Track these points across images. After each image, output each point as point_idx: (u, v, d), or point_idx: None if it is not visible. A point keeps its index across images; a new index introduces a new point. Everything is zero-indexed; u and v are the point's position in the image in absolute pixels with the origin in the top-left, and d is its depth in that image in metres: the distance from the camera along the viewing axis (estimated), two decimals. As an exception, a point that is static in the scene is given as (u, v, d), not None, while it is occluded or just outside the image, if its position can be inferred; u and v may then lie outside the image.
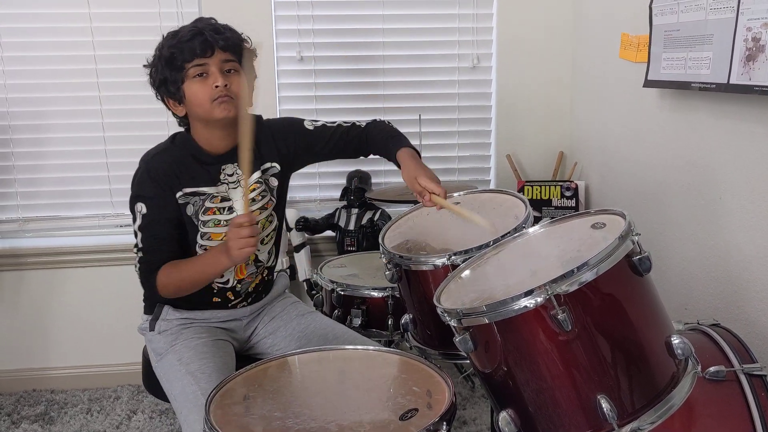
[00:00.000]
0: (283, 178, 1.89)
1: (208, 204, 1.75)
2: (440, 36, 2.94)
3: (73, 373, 2.98)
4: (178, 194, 1.73)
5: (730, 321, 1.86)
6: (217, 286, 1.82)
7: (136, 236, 1.74)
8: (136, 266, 1.74)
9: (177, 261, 1.74)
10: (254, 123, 1.72)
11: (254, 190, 1.81)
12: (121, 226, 2.89)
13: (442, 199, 1.69)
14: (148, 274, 1.73)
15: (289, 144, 1.88)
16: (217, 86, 1.66)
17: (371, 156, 1.97)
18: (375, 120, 1.96)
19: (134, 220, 1.74)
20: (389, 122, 1.96)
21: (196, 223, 1.75)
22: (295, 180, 2.93)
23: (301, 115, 2.89)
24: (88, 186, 2.88)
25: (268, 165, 1.85)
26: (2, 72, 2.76)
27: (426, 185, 1.70)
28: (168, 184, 1.72)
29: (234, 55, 1.71)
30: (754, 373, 1.43)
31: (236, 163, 1.78)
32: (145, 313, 1.87)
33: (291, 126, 1.92)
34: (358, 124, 1.95)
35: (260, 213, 1.82)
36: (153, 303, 1.84)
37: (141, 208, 1.72)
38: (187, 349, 1.73)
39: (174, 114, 1.79)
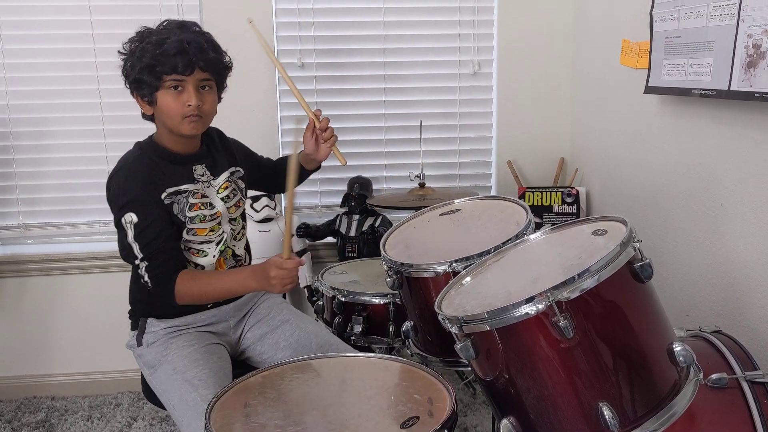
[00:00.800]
0: (247, 182, 1.97)
1: (191, 200, 1.76)
2: (441, 42, 2.94)
3: (73, 380, 2.97)
4: (163, 195, 1.72)
5: (732, 328, 1.85)
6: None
7: (131, 250, 1.68)
8: (144, 278, 1.68)
9: (195, 272, 1.75)
10: (216, 133, 1.94)
11: (226, 188, 1.86)
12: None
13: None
14: (162, 281, 1.68)
15: (242, 158, 1.99)
16: (189, 105, 1.70)
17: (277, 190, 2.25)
18: None
19: (124, 234, 1.68)
20: None
21: (183, 219, 1.75)
22: (297, 186, 2.96)
23: (302, 122, 2.92)
24: (89, 192, 2.88)
25: (235, 168, 1.92)
26: (4, 78, 2.76)
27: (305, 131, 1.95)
28: (150, 184, 1.71)
29: (212, 74, 1.75)
30: (757, 380, 1.43)
31: (204, 164, 1.83)
32: (132, 329, 1.86)
33: (240, 145, 2.05)
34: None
35: (236, 210, 1.88)
36: (137, 317, 1.84)
37: (130, 218, 1.67)
38: (180, 357, 1.72)
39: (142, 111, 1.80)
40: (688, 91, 1.95)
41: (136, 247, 1.68)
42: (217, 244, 1.82)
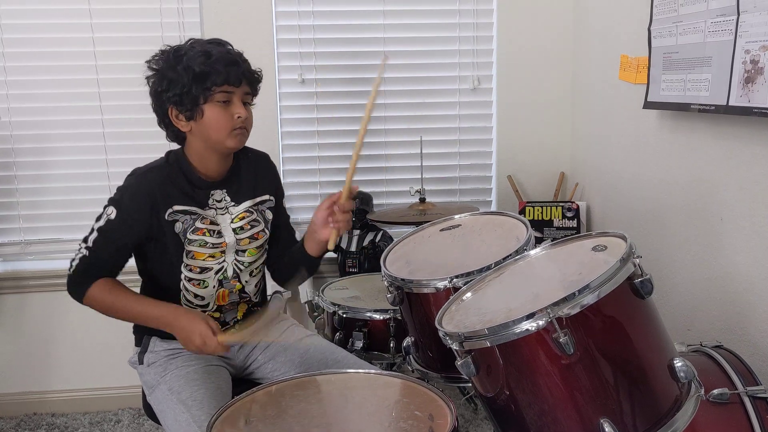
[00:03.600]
0: (278, 213, 1.91)
1: (198, 224, 1.74)
2: (441, 58, 2.96)
3: (74, 397, 2.97)
4: (168, 211, 1.71)
5: (734, 343, 1.85)
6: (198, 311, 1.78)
7: (90, 233, 1.71)
8: (73, 261, 1.71)
9: (116, 283, 1.73)
10: (263, 159, 1.91)
11: (243, 218, 1.81)
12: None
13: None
14: (82, 276, 1.70)
15: (278, 193, 1.94)
16: (239, 117, 1.70)
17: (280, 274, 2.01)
18: None
19: (99, 218, 1.71)
20: None
21: (183, 240, 1.73)
22: (297, 201, 2.98)
23: (303, 137, 2.93)
24: (90, 209, 2.82)
25: (265, 197, 1.87)
26: (6, 96, 2.78)
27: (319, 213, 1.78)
28: (151, 205, 1.70)
29: (253, 88, 1.75)
30: (758, 395, 1.43)
31: (225, 190, 1.80)
32: (136, 345, 1.86)
33: (279, 181, 1.97)
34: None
35: (249, 242, 1.82)
36: (141, 334, 1.83)
37: (111, 212, 1.70)
38: (177, 378, 1.72)
39: (168, 127, 1.76)
40: (687, 107, 1.96)
41: (94, 235, 1.70)
42: (216, 273, 1.79)
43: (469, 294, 1.48)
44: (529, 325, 1.17)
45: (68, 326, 2.92)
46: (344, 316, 2.17)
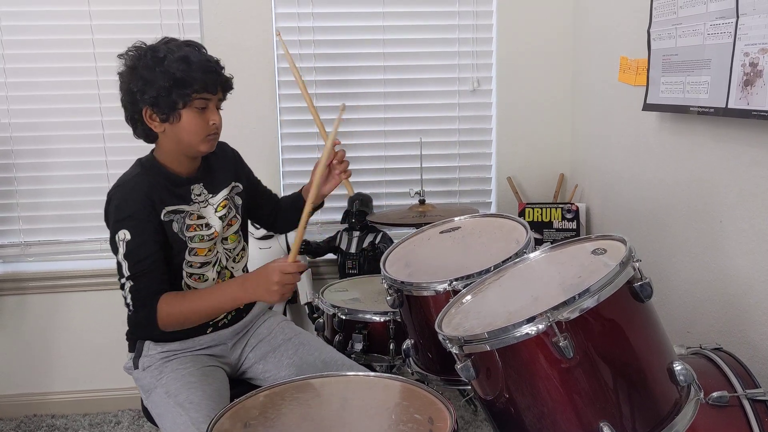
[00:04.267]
0: (246, 198, 1.95)
1: (188, 221, 1.76)
2: (440, 60, 2.96)
3: (73, 398, 2.97)
4: (163, 212, 1.72)
5: (733, 345, 1.85)
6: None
7: (120, 268, 1.66)
8: (126, 299, 1.67)
9: (178, 292, 1.72)
10: (219, 147, 1.88)
11: (224, 206, 1.85)
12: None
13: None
14: (144, 302, 1.65)
15: (242, 173, 1.98)
16: (213, 124, 1.73)
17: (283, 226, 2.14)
18: None
19: (116, 251, 1.67)
20: None
21: (184, 239, 1.75)
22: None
23: (302, 139, 2.93)
24: (90, 210, 2.88)
25: (234, 183, 1.91)
26: (6, 97, 2.78)
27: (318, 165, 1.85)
28: (148, 204, 1.70)
29: (225, 93, 1.79)
30: (758, 398, 1.43)
31: (202, 183, 1.83)
32: (130, 351, 1.85)
33: (245, 165, 2.03)
34: None
35: (228, 228, 1.86)
36: (135, 340, 1.83)
37: (124, 235, 1.66)
38: (174, 380, 1.72)
39: (138, 125, 1.76)
40: (686, 109, 1.96)
41: (125, 265, 1.66)
42: (214, 265, 1.81)
43: (468, 297, 1.48)
44: (529, 329, 1.17)
45: (68, 328, 2.92)
46: (344, 318, 2.17)
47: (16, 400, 2.95)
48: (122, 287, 1.67)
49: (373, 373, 1.58)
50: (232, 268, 1.87)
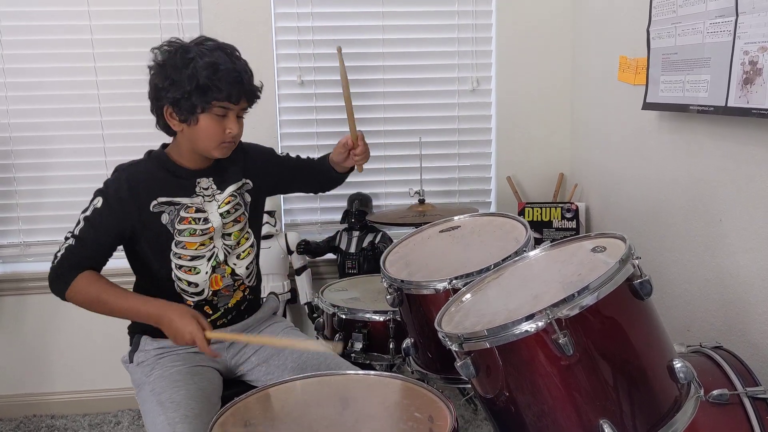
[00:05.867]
0: (257, 195, 1.94)
1: (183, 214, 1.76)
2: (440, 59, 2.96)
3: (73, 398, 2.97)
4: (153, 203, 1.73)
5: (733, 343, 1.85)
6: (192, 300, 1.80)
7: (77, 225, 1.71)
8: (58, 251, 1.69)
9: (100, 276, 1.71)
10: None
11: (229, 203, 1.84)
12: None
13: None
14: (68, 267, 1.68)
15: (260, 165, 1.97)
16: (230, 132, 1.73)
17: (320, 191, 2.21)
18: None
19: (85, 209, 1.72)
20: None
21: (172, 231, 1.75)
22: (296, 203, 2.98)
23: (302, 138, 2.94)
24: (89, 210, 2.88)
25: (244, 180, 1.90)
26: (5, 98, 2.78)
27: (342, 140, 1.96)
28: (139, 194, 1.72)
29: (250, 104, 1.78)
30: (758, 396, 1.43)
31: (212, 178, 1.83)
32: (130, 344, 1.86)
33: (264, 149, 2.04)
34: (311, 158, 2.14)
35: (233, 225, 1.85)
36: (134, 333, 1.84)
37: (98, 201, 1.71)
38: (161, 378, 1.72)
39: (163, 123, 1.77)
40: (686, 108, 1.96)
41: (80, 225, 1.70)
42: (209, 260, 1.80)
43: (468, 295, 1.48)
44: (529, 327, 1.17)
45: (68, 328, 2.92)
46: (344, 317, 2.17)
47: (15, 401, 2.95)
48: (66, 238, 1.71)
49: (373, 372, 1.58)
50: (234, 264, 1.85)
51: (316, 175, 2.10)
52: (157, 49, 1.72)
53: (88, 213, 1.71)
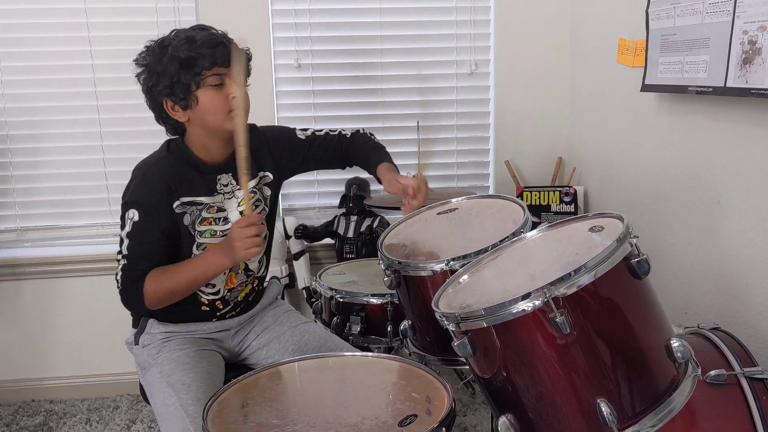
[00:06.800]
0: (276, 187, 1.91)
1: (204, 214, 1.74)
2: (438, 42, 2.94)
3: (72, 383, 2.97)
4: (176, 204, 1.70)
5: (731, 324, 1.85)
6: (207, 298, 1.80)
7: (121, 243, 1.68)
8: (117, 275, 1.68)
9: (164, 267, 1.69)
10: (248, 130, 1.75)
11: (249, 198, 1.79)
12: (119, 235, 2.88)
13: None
14: (131, 282, 1.66)
15: (283, 153, 1.91)
16: (233, 97, 1.66)
17: (353, 167, 2.05)
18: (359, 131, 2.03)
19: (123, 226, 1.69)
20: (372, 135, 2.03)
21: (193, 233, 1.73)
22: (294, 188, 2.97)
23: (299, 122, 2.92)
24: (86, 195, 2.88)
25: (262, 174, 1.86)
26: (0, 81, 2.76)
27: (405, 182, 1.76)
28: (165, 192, 1.69)
29: (245, 69, 1.71)
30: (755, 376, 1.42)
31: (231, 173, 1.78)
32: (133, 326, 1.85)
33: (284, 135, 1.95)
34: (343, 133, 2.00)
35: None
36: (139, 316, 1.83)
37: (133, 215, 1.67)
38: (169, 361, 1.72)
39: (166, 121, 1.74)
40: (685, 89, 1.95)
41: (125, 243, 1.67)
42: None
43: (465, 276, 1.48)
44: (526, 305, 1.16)
45: (65, 313, 2.92)
46: (342, 300, 2.17)
47: (14, 386, 2.95)
48: (118, 261, 1.69)
49: (371, 354, 1.58)
50: (248, 262, 1.84)
51: (342, 160, 2.02)
52: (137, 59, 1.70)
53: (128, 229, 1.67)
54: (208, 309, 1.82)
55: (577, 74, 2.93)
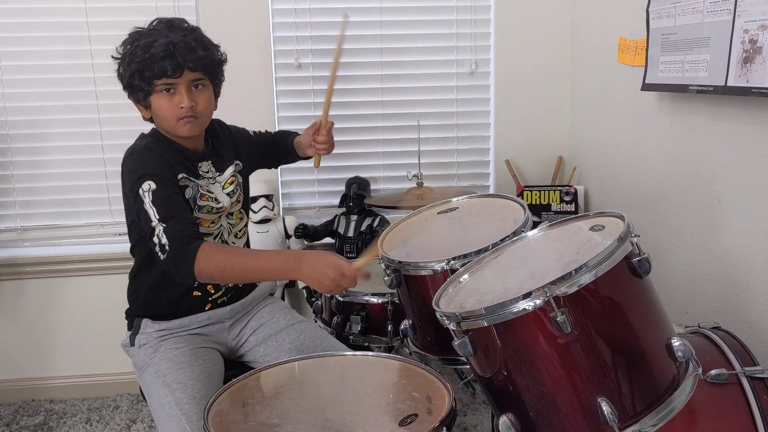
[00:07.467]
0: (246, 176, 1.97)
1: (201, 191, 1.76)
2: (438, 42, 2.94)
3: (72, 383, 2.97)
4: (180, 176, 1.71)
5: (731, 324, 1.85)
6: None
7: (147, 215, 1.57)
8: (158, 243, 1.55)
9: (219, 244, 1.74)
10: (218, 126, 1.93)
11: (231, 183, 1.86)
12: (119, 234, 2.89)
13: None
14: (182, 243, 1.53)
15: (244, 146, 1.99)
16: (182, 107, 1.68)
17: (284, 164, 2.26)
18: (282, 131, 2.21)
19: (141, 203, 1.59)
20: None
21: (193, 206, 1.74)
22: (294, 187, 2.97)
23: (300, 122, 2.92)
24: (86, 194, 2.88)
25: (237, 162, 1.92)
26: (0, 81, 2.76)
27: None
28: (168, 165, 1.69)
29: (204, 72, 1.72)
30: (756, 375, 1.42)
31: (210, 161, 1.82)
32: (128, 328, 1.86)
33: (241, 131, 2.05)
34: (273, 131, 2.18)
35: (236, 205, 1.87)
36: (133, 317, 1.83)
37: (149, 186, 1.60)
38: (165, 360, 1.72)
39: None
40: (685, 88, 1.95)
41: (153, 211, 1.57)
42: (215, 238, 1.81)
43: (466, 276, 1.48)
44: (527, 304, 1.16)
45: (66, 312, 2.92)
46: (342, 300, 2.17)
47: (14, 385, 2.95)
48: (152, 234, 1.56)
49: (371, 353, 1.57)
50: (233, 243, 1.87)
51: (280, 154, 2.15)
52: (120, 45, 1.72)
53: (149, 198, 1.59)
54: (199, 293, 1.81)
55: (577, 73, 2.92)
